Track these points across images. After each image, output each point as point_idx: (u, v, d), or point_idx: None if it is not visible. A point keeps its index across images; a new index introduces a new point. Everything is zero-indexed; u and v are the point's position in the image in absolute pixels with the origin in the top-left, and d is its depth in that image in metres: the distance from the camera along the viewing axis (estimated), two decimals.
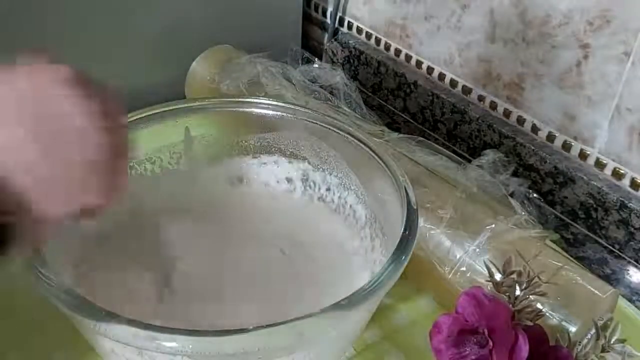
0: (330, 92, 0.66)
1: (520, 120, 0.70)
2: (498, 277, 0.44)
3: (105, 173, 0.34)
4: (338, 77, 0.66)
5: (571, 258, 0.55)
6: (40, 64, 0.34)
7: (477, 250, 0.50)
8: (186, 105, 0.56)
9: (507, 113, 0.71)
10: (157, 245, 0.50)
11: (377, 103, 0.84)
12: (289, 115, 0.55)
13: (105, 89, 0.35)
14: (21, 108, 0.32)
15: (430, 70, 0.78)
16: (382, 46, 0.84)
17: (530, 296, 0.43)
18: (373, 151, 0.51)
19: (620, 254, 0.62)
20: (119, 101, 0.36)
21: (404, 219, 0.44)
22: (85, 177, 0.34)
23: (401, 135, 0.61)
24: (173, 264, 0.49)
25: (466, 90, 0.75)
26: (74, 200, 0.34)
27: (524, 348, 0.40)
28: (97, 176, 0.34)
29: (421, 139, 0.61)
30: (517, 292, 0.43)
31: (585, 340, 0.43)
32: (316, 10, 0.92)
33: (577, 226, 0.65)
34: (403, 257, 0.41)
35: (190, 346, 0.35)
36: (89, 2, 0.67)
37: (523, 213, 0.53)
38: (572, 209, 0.66)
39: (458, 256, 0.51)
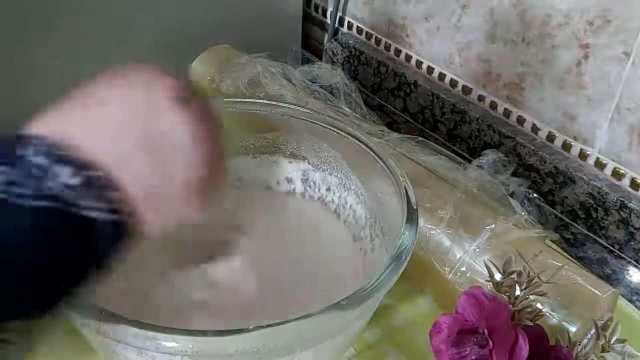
0: (330, 92, 0.66)
1: (520, 120, 0.70)
2: (498, 277, 0.44)
3: (203, 189, 0.36)
4: (338, 77, 0.66)
5: (571, 258, 0.55)
6: (148, 74, 0.35)
7: (477, 250, 0.50)
8: None
9: (507, 113, 0.71)
10: (157, 246, 0.50)
11: (377, 103, 0.84)
12: (289, 115, 0.55)
13: (204, 97, 0.37)
14: (128, 118, 0.33)
15: (430, 70, 0.78)
16: (382, 46, 0.84)
17: (530, 296, 0.43)
18: (373, 151, 0.51)
19: (620, 254, 0.63)
20: (216, 108, 0.37)
21: (404, 219, 0.44)
22: (184, 192, 0.35)
23: (401, 135, 0.61)
24: (173, 263, 0.49)
25: (466, 90, 0.75)
26: (172, 214, 0.36)
27: (524, 348, 0.40)
28: (195, 192, 0.35)
29: (421, 139, 0.61)
30: (517, 292, 0.43)
31: (585, 340, 0.43)
32: (316, 10, 0.92)
33: (577, 226, 0.65)
34: (403, 257, 0.41)
35: (190, 346, 0.35)
36: (89, 2, 0.67)
37: (523, 213, 0.53)
38: (572, 209, 0.66)
39: (458, 256, 0.51)
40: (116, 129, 0.33)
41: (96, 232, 0.31)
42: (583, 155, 0.65)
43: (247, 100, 0.58)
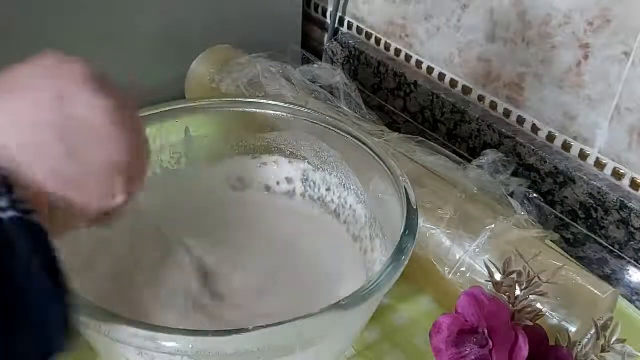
0: (330, 92, 0.66)
1: (520, 120, 0.70)
2: (498, 277, 0.44)
3: (125, 173, 0.34)
4: (338, 77, 0.66)
5: (571, 258, 0.55)
6: (59, 60, 0.33)
7: (477, 250, 0.50)
8: (186, 105, 0.56)
9: (507, 113, 0.71)
10: (157, 246, 0.50)
11: (377, 103, 0.84)
12: (289, 115, 0.55)
13: (117, 83, 0.34)
14: (42, 105, 0.31)
15: (430, 70, 0.78)
16: (382, 46, 0.84)
17: (530, 296, 0.43)
18: (373, 151, 0.51)
19: (620, 254, 0.63)
20: (133, 96, 0.35)
21: (404, 219, 0.44)
22: (106, 177, 0.33)
23: (401, 135, 0.61)
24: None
25: (466, 90, 0.75)
26: (95, 201, 0.34)
27: (524, 348, 0.40)
28: (116, 177, 0.34)
29: (421, 139, 0.61)
30: (517, 292, 0.43)
31: (585, 340, 0.43)
32: (316, 10, 0.92)
33: (577, 226, 0.65)
34: (403, 257, 0.41)
35: (190, 346, 0.35)
36: (89, 2, 0.67)
37: (523, 213, 0.53)
38: (572, 209, 0.66)
39: (458, 256, 0.51)
40: (28, 118, 0.31)
41: (8, 233, 0.28)
42: (583, 155, 0.65)
43: (247, 100, 0.58)
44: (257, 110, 0.56)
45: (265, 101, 0.57)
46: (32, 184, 0.30)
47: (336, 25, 0.89)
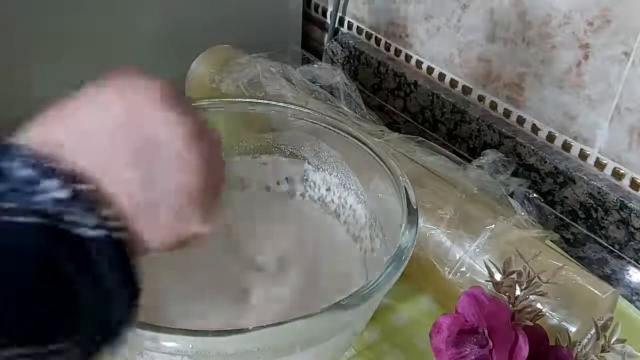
0: (330, 92, 0.66)
1: (520, 120, 0.70)
2: (498, 277, 0.44)
3: (203, 201, 0.32)
4: (338, 77, 0.66)
5: (571, 258, 0.55)
6: (131, 80, 0.31)
7: (477, 250, 0.50)
8: None
9: (507, 113, 0.71)
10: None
11: (377, 103, 0.84)
12: (289, 115, 0.55)
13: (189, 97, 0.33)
14: (118, 133, 0.30)
15: (430, 70, 0.78)
16: (382, 46, 0.84)
17: (530, 296, 0.43)
18: (373, 151, 0.51)
19: (620, 254, 0.63)
20: (212, 126, 0.34)
21: (404, 219, 0.44)
22: (184, 204, 0.31)
23: (401, 135, 0.61)
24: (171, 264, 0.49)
25: (466, 90, 0.75)
26: (172, 229, 0.32)
27: (524, 348, 0.40)
28: (195, 204, 0.32)
29: (421, 139, 0.61)
30: (517, 292, 0.43)
31: (585, 340, 0.43)
32: (316, 10, 0.92)
33: (577, 226, 0.65)
34: (403, 257, 0.41)
35: (190, 346, 0.35)
36: (89, 2, 0.67)
37: (523, 213, 0.53)
38: (572, 209, 0.66)
39: (458, 256, 0.51)
40: (105, 136, 0.30)
41: (92, 251, 0.27)
42: (583, 155, 0.65)
43: (247, 100, 0.58)
44: (257, 110, 0.56)
45: (265, 101, 0.56)
46: (114, 203, 0.29)
47: (336, 25, 0.89)
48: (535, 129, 0.69)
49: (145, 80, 0.31)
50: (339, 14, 0.88)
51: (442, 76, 0.77)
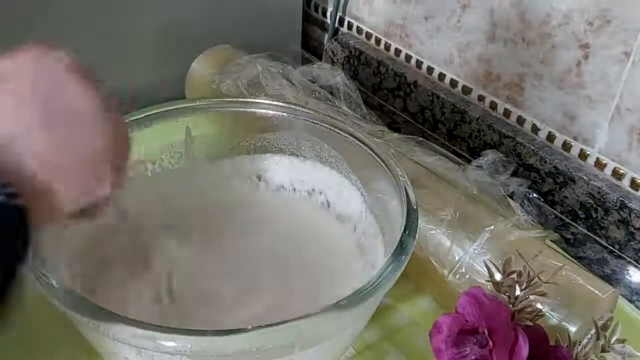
0: (330, 92, 0.66)
1: (520, 120, 0.70)
2: (498, 277, 0.44)
3: (111, 162, 0.34)
4: (338, 77, 0.66)
5: (571, 258, 0.55)
6: (42, 50, 0.33)
7: (477, 250, 0.50)
8: (187, 105, 0.56)
9: (507, 113, 0.71)
10: (157, 246, 0.50)
11: (377, 103, 0.84)
12: (289, 115, 0.55)
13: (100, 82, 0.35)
14: (27, 93, 0.31)
15: (430, 70, 0.78)
16: (382, 46, 0.84)
17: (530, 296, 0.43)
18: (373, 151, 0.51)
19: (620, 254, 0.62)
20: (114, 96, 0.35)
21: (404, 219, 0.44)
22: (92, 165, 0.33)
23: (401, 135, 0.61)
24: (172, 264, 0.49)
25: (466, 90, 0.75)
26: (83, 189, 0.33)
27: (524, 348, 0.40)
28: (103, 165, 0.33)
29: (421, 139, 0.61)
30: (517, 292, 0.43)
31: (585, 340, 0.43)
32: (316, 10, 0.92)
33: (577, 226, 0.65)
34: (403, 257, 0.41)
35: (190, 346, 0.35)
36: (89, 2, 0.67)
37: (523, 213, 0.53)
38: (572, 209, 0.66)
39: (458, 257, 0.51)
40: (18, 101, 0.31)
41: None
42: (583, 155, 0.65)
43: (247, 100, 0.58)
44: (257, 110, 0.56)
45: (265, 101, 0.57)
46: (16, 170, 0.30)
47: (336, 25, 0.89)
48: (535, 129, 0.69)
49: (57, 52, 0.34)
50: (339, 14, 0.88)
51: (442, 76, 0.77)
